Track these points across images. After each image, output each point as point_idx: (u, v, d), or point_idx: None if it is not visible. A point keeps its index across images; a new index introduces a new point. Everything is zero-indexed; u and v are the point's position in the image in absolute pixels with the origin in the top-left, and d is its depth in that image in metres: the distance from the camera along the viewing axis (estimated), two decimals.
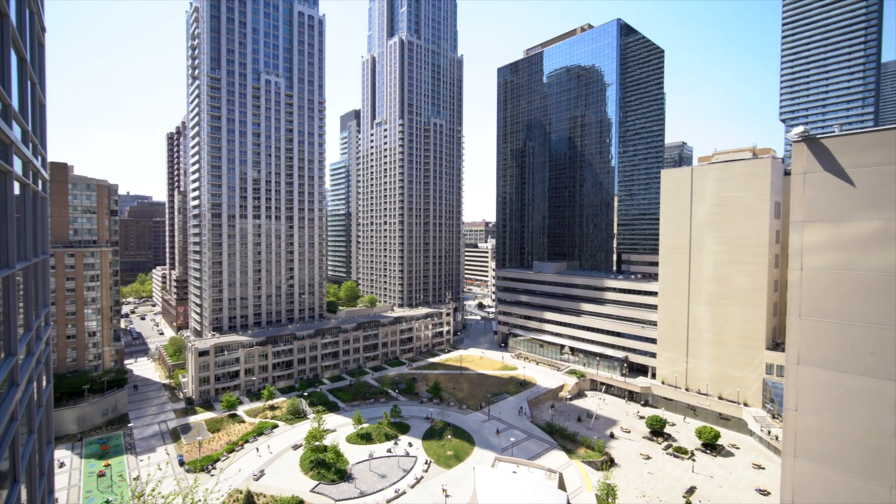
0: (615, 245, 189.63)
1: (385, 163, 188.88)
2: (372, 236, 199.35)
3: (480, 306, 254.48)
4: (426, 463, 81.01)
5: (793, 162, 36.27)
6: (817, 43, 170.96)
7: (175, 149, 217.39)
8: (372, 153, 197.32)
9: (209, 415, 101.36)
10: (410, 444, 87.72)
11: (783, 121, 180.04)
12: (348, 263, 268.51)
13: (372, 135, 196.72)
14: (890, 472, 31.70)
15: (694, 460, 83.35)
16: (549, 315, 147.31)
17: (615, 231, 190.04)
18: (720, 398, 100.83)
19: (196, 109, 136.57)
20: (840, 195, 33.04)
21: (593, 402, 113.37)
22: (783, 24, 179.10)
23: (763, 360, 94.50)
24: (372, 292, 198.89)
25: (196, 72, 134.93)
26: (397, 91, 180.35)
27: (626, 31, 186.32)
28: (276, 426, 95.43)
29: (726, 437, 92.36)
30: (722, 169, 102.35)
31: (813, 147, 34.50)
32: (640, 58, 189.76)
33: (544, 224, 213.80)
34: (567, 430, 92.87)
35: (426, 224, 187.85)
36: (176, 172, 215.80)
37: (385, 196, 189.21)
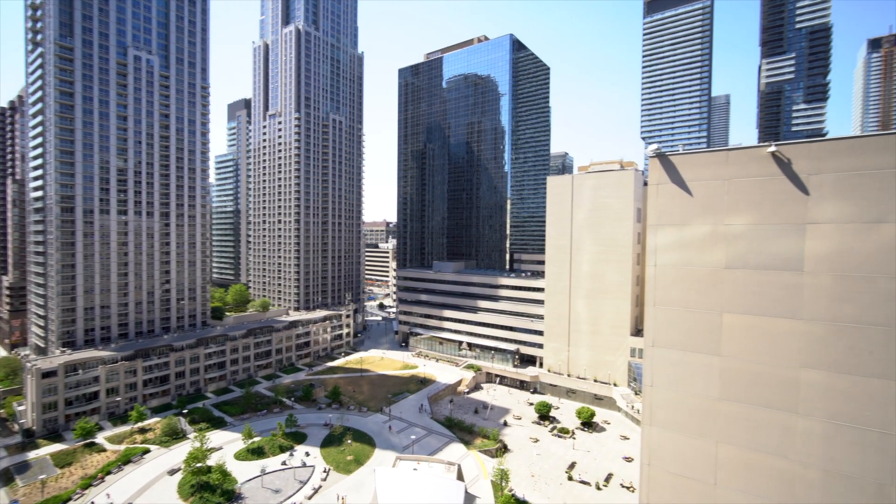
0: (508, 245, 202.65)
1: (280, 157, 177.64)
2: (265, 235, 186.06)
3: (381, 307, 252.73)
4: (325, 471, 78.32)
5: (649, 174, 42.71)
6: (668, 76, 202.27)
7: (6, 128, 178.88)
8: (265, 146, 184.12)
9: (57, 447, 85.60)
10: (308, 454, 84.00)
11: (643, 138, 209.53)
12: (237, 265, 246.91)
13: (265, 127, 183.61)
14: (715, 430, 38.96)
15: (574, 438, 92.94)
16: (448, 313, 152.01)
17: (508, 232, 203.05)
18: (595, 381, 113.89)
19: (39, 83, 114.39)
20: (683, 203, 39.80)
21: (488, 394, 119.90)
22: (643, 57, 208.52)
23: (628, 345, 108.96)
24: (265, 296, 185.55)
25: (39, 37, 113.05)
26: (293, 83, 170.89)
27: (517, 46, 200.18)
28: (147, 451, 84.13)
29: (600, 414, 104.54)
30: (597, 178, 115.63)
31: (664, 162, 40.98)
32: (529, 72, 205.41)
33: (444, 225, 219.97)
34: (465, 423, 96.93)
35: (325, 223, 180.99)
36: (9, 157, 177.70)
37: (280, 193, 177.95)
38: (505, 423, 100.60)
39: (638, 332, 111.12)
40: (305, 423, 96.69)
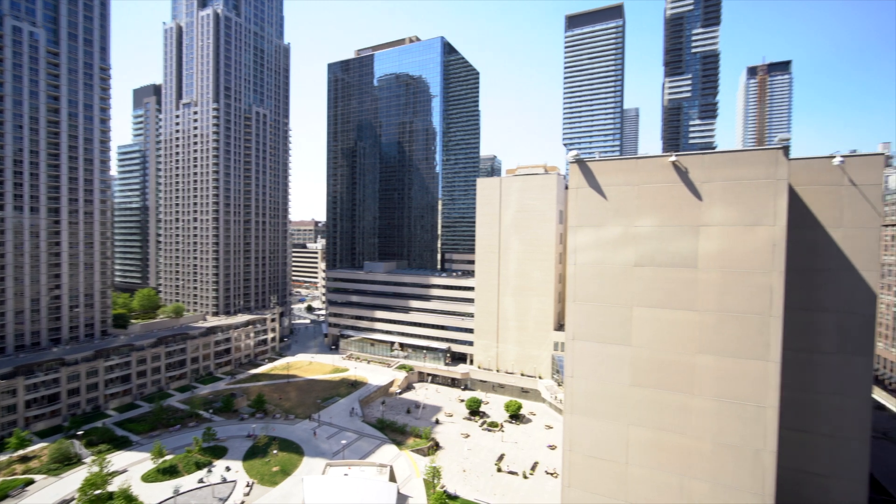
0: (440, 245, 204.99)
1: (196, 150, 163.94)
2: (178, 235, 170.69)
3: (310, 309, 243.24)
4: (248, 485, 73.81)
5: (570, 179, 45.67)
6: (586, 87, 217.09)
7: None
8: (178, 138, 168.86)
9: None
10: (228, 468, 78.61)
11: (565, 144, 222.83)
12: (145, 268, 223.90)
13: (177, 116, 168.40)
14: (626, 413, 42.65)
15: (503, 431, 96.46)
16: (379, 314, 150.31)
17: (440, 232, 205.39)
18: (522, 375, 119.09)
19: None
20: (599, 206, 43.20)
21: (421, 393, 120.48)
22: (565, 69, 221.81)
23: (552, 340, 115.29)
24: (178, 300, 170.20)
25: None
26: (211, 71, 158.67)
27: (448, 49, 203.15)
28: (30, 482, 73.45)
29: (527, 406, 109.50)
30: (523, 181, 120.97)
31: (582, 168, 44.17)
32: (460, 75, 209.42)
33: (375, 224, 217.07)
34: (397, 424, 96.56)
35: (247, 222, 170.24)
36: None
37: (196, 189, 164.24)
38: (437, 421, 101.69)
39: (561, 326, 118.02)
40: (226, 436, 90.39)
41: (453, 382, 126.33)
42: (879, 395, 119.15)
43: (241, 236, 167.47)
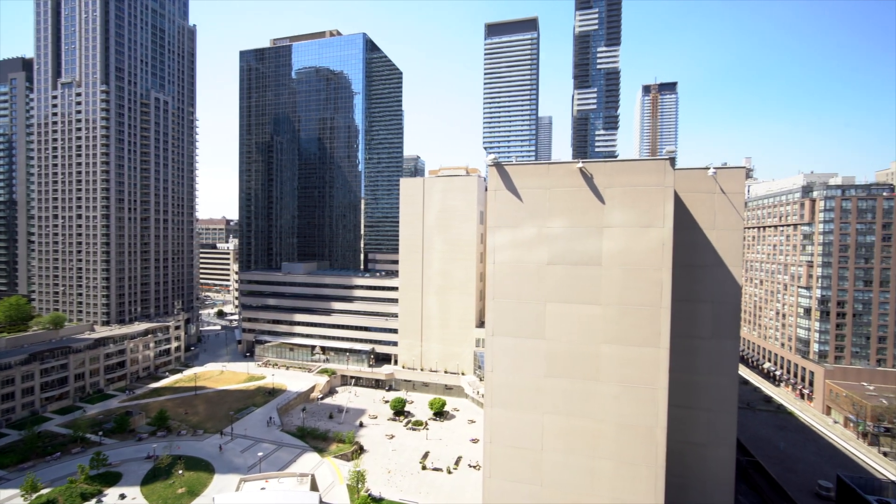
0: (363, 245, 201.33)
1: (79, 137, 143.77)
2: (57, 234, 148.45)
3: (221, 314, 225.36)
4: None
5: (488, 181, 47.52)
6: (504, 94, 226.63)
7: None
8: (55, 122, 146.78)
9: None
10: (123, 496, 70.36)
11: (485, 147, 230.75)
12: (12, 272, 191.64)
13: (55, 97, 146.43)
14: (542, 403, 45.44)
15: (427, 429, 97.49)
16: (299, 317, 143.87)
17: (363, 232, 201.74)
18: (446, 372, 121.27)
19: None
20: (515, 208, 45.52)
21: (344, 397, 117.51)
22: (484, 74, 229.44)
23: (474, 337, 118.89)
24: (58, 309, 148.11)
25: None
26: (98, 48, 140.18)
27: (370, 46, 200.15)
28: None
29: (451, 403, 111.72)
30: (445, 182, 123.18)
31: (500, 171, 46.23)
32: (383, 74, 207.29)
33: (294, 223, 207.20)
34: (319, 430, 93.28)
35: (146, 220, 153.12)
36: None
37: (80, 181, 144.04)
38: (361, 425, 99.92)
39: (482, 324, 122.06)
40: (120, 460, 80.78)
41: (378, 384, 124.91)
42: (743, 372, 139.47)
43: (137, 235, 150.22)
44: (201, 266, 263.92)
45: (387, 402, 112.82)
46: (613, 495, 42.75)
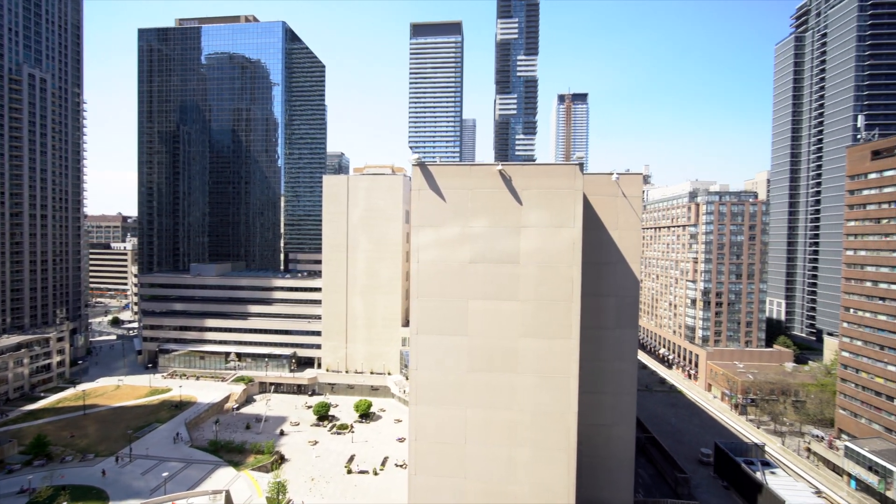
0: (283, 244, 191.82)
1: None
2: None
3: (116, 322, 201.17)
4: None
5: (412, 181, 47.96)
6: (430, 94, 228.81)
7: None
8: None
9: None
10: None
11: (411, 147, 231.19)
12: None
13: None
14: (464, 397, 46.90)
15: (353, 432, 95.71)
16: (211, 322, 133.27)
17: (283, 231, 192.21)
18: (372, 373, 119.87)
19: None
20: (439, 207, 46.44)
21: (263, 405, 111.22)
22: (410, 74, 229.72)
23: (400, 336, 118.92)
24: None
25: None
26: None
27: (290, 36, 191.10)
28: None
29: (377, 404, 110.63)
30: (371, 180, 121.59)
31: (423, 171, 46.86)
32: (304, 66, 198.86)
33: (205, 221, 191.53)
34: (234, 443, 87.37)
35: (17, 215, 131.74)
36: None
37: None
38: (282, 433, 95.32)
39: (408, 323, 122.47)
40: None
41: (300, 389, 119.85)
42: (642, 358, 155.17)
43: (5, 234, 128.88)
44: (92, 269, 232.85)
45: (310, 407, 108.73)
46: (532, 480, 45.47)
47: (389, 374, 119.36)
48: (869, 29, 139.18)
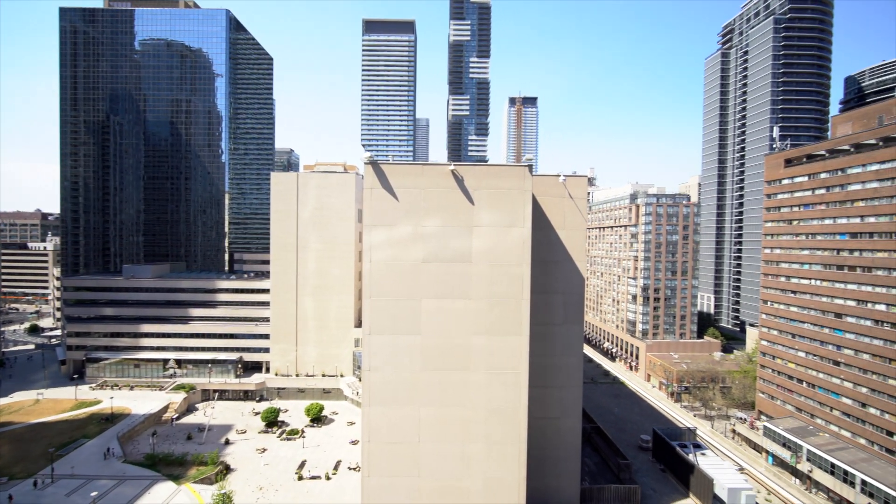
0: (228, 244, 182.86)
1: None
2: None
3: (34, 330, 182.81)
4: None
5: (365, 179, 47.55)
6: (383, 93, 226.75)
7: None
8: None
9: None
10: None
11: (364, 145, 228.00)
12: None
13: None
14: (418, 396, 47.17)
15: (304, 437, 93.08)
16: (148, 328, 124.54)
17: (227, 230, 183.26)
18: (324, 375, 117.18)
19: None
20: (391, 206, 46.37)
21: (206, 414, 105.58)
22: (362, 71, 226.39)
23: (353, 337, 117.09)
24: None
25: None
26: None
27: (235, 25, 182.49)
28: None
29: (330, 407, 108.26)
30: (321, 178, 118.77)
31: (376, 170, 46.60)
32: (251, 58, 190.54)
33: (139, 220, 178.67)
34: (174, 455, 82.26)
35: None
36: None
37: None
38: (227, 442, 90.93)
39: (361, 323, 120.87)
40: None
41: (247, 395, 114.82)
42: (588, 352, 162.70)
43: None
44: (5, 272, 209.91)
45: (257, 413, 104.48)
46: (485, 475, 46.56)
47: (342, 376, 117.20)
48: (782, 49, 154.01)
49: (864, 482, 65.81)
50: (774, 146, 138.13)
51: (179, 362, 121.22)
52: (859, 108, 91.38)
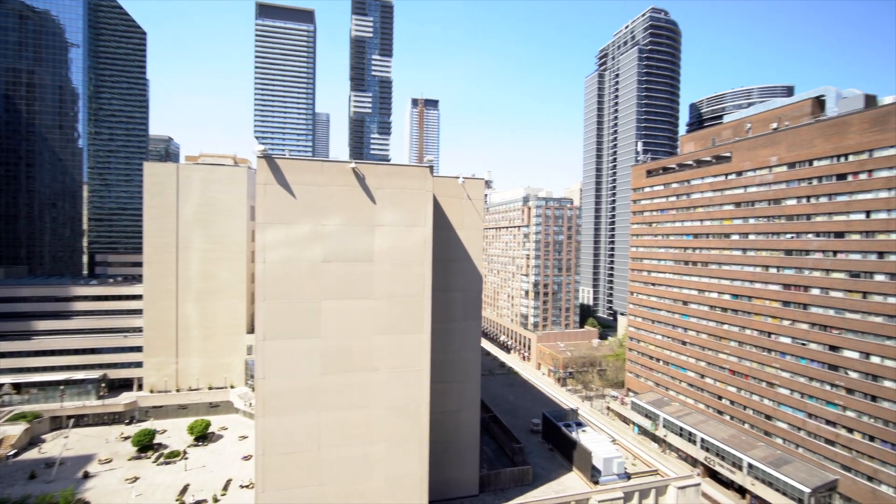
0: (87, 244, 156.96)
1: None
2: None
3: None
4: None
5: (258, 174, 44.68)
6: (279, 83, 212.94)
7: None
8: None
9: None
10: None
11: (257, 138, 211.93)
12: None
13: None
14: (319, 402, 45.72)
15: (187, 459, 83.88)
16: None
17: (86, 227, 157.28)
18: (211, 388, 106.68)
19: None
20: (288, 204, 44.23)
21: (58, 445, 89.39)
22: (255, 58, 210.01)
23: (245, 344, 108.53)
24: None
25: None
26: None
27: None
28: None
29: (218, 422, 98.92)
30: (208, 171, 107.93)
31: (270, 164, 44.07)
32: (118, 30, 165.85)
33: None
34: (10, 500, 68.42)
35: None
36: None
37: None
38: (86, 475, 78.11)
39: (254, 329, 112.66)
40: None
41: (115, 418, 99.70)
42: (486, 345, 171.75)
43: None
44: None
45: (127, 437, 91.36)
46: (387, 475, 46.71)
47: (233, 387, 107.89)
48: (645, 76, 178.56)
49: (703, 440, 79.62)
50: (639, 158, 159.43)
51: (19, 386, 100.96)
52: (700, 130, 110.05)
